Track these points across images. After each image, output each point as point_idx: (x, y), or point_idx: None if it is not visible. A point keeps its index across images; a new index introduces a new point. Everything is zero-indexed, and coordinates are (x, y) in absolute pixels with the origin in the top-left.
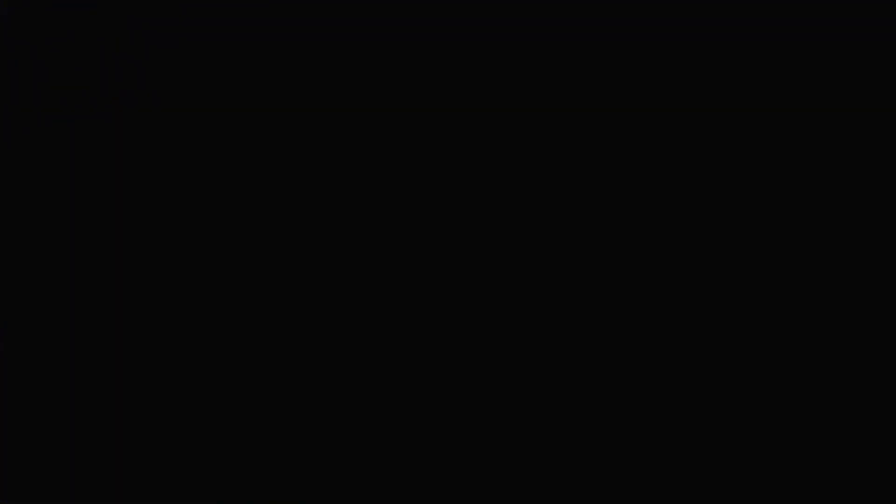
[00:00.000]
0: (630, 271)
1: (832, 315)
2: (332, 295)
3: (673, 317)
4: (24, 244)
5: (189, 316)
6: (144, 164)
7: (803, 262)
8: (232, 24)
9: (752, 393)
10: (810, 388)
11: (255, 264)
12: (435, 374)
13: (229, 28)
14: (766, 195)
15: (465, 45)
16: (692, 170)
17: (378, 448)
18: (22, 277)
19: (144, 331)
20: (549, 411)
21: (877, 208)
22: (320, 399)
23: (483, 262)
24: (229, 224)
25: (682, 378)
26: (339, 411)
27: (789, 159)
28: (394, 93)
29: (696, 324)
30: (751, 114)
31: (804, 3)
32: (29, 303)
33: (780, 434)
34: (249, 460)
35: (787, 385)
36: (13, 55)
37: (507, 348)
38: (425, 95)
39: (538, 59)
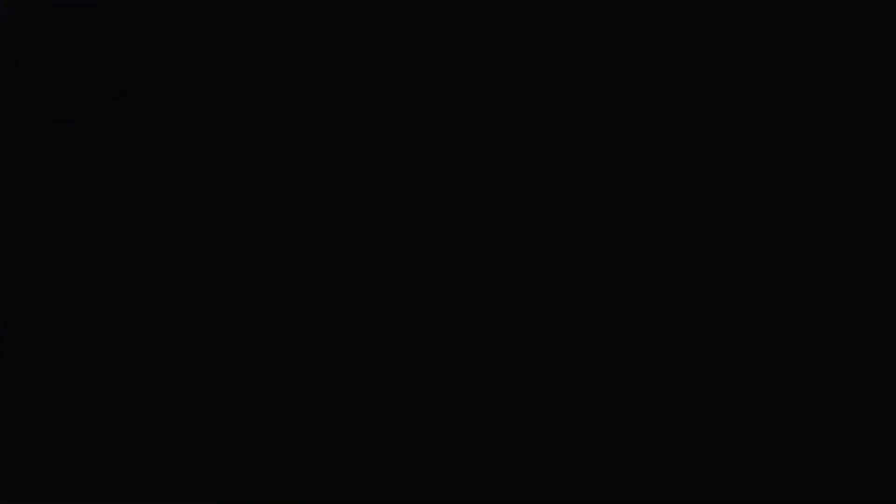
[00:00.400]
0: (630, 271)
1: (832, 315)
2: (333, 295)
3: (673, 317)
4: (24, 244)
5: (189, 316)
6: (144, 164)
7: (803, 262)
8: (232, 24)
9: (753, 393)
10: (810, 388)
11: (255, 264)
12: (435, 374)
13: (229, 28)
14: (766, 195)
15: (465, 45)
16: (692, 170)
17: (378, 448)
18: (22, 277)
19: (144, 331)
20: (549, 411)
21: (877, 208)
22: (320, 399)
23: (483, 262)
24: (229, 224)
25: (682, 378)
26: (339, 411)
27: (789, 159)
28: (394, 93)
29: (696, 324)
30: (751, 114)
31: (804, 3)
32: (29, 303)
33: (781, 434)
34: (249, 460)
35: (787, 385)
36: (13, 55)
37: (508, 348)
38: (425, 95)
39: (538, 59)
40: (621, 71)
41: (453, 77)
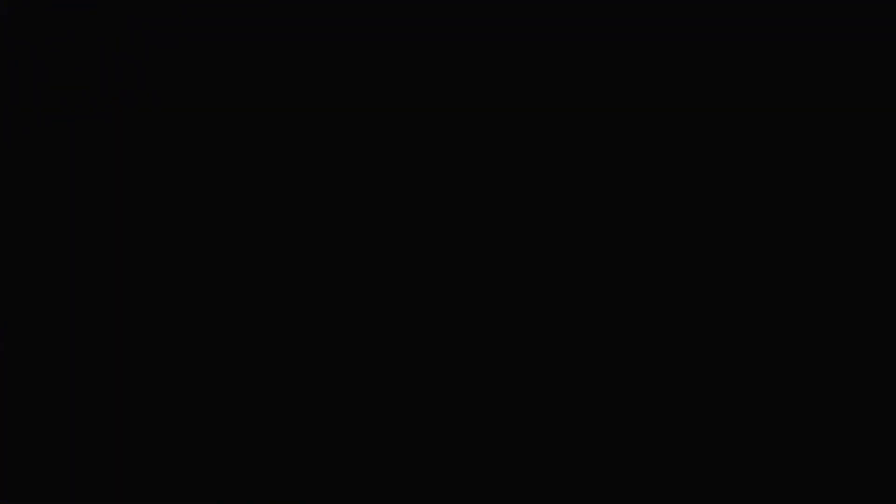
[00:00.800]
0: (630, 271)
1: (832, 315)
2: (333, 295)
3: (673, 317)
4: (24, 244)
5: (189, 316)
6: (144, 164)
7: (803, 262)
8: (232, 24)
9: (753, 393)
10: (810, 388)
11: (255, 264)
12: (435, 374)
13: (229, 28)
14: (766, 195)
15: (465, 45)
16: (692, 170)
17: (378, 448)
18: (22, 277)
19: (144, 331)
20: (549, 411)
21: (877, 208)
22: (320, 399)
23: (483, 262)
24: (229, 224)
25: (682, 378)
26: (339, 411)
27: (789, 159)
28: (394, 93)
29: (696, 324)
30: (751, 114)
31: (804, 3)
32: (29, 303)
33: (781, 434)
34: (249, 460)
35: (787, 385)
36: (13, 55)
37: (508, 348)
38: (425, 95)
39: (538, 59)
40: (621, 71)
41: (453, 77)
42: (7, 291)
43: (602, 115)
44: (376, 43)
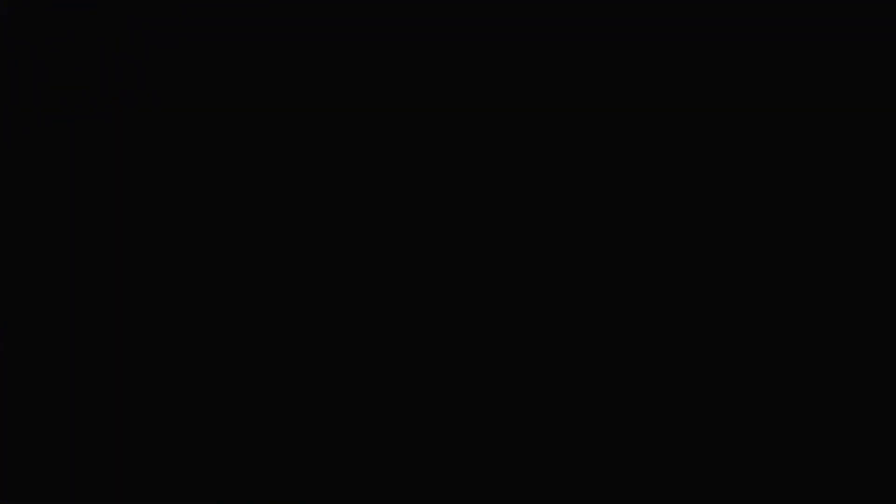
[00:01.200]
0: (630, 271)
1: (832, 315)
2: (333, 295)
3: (673, 317)
4: (24, 244)
5: (189, 316)
6: (144, 164)
7: (803, 261)
8: (232, 24)
9: (753, 393)
10: (810, 388)
11: (255, 264)
12: (435, 374)
13: (229, 28)
14: (766, 195)
15: (465, 45)
16: (692, 170)
17: (378, 448)
18: (22, 277)
19: (144, 331)
20: (549, 411)
21: (877, 208)
22: (320, 399)
23: (483, 262)
24: (229, 224)
25: (682, 378)
26: (339, 411)
27: (789, 159)
28: (394, 93)
29: (696, 324)
30: (751, 114)
31: (804, 3)
32: (29, 303)
33: (781, 434)
34: (249, 460)
35: (787, 385)
36: (13, 55)
37: (508, 348)
38: (425, 95)
39: (538, 59)
40: (621, 71)
41: (453, 77)
42: (7, 291)
43: (602, 116)
44: (376, 43)
